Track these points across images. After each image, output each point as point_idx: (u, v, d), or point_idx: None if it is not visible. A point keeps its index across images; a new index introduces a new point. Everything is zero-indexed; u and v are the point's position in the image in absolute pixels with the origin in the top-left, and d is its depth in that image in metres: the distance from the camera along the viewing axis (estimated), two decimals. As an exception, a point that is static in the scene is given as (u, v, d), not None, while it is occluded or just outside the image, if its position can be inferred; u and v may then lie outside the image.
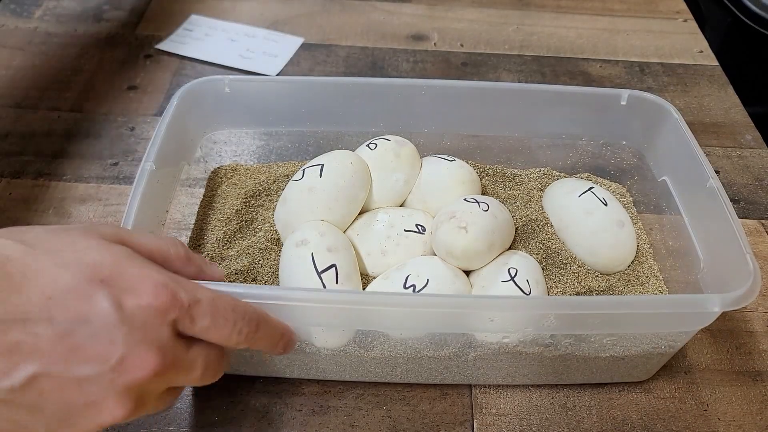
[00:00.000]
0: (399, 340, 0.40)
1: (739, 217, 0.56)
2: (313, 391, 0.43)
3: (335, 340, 0.40)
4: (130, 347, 0.27)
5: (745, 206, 0.57)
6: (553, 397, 0.43)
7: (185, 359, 0.30)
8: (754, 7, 0.90)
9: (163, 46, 0.72)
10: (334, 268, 0.41)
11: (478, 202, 0.44)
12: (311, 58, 0.71)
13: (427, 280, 0.41)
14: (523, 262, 0.44)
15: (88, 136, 0.61)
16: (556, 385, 0.44)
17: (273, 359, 0.42)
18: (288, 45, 0.73)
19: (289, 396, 0.43)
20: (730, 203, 0.41)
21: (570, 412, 0.43)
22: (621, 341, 0.40)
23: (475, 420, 0.42)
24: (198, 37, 0.73)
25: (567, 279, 0.45)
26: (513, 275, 0.42)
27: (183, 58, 0.70)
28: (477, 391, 0.44)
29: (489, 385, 0.44)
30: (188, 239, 0.48)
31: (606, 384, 0.44)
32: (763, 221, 0.56)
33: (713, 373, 0.45)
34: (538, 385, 0.44)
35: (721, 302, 0.36)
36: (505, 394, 0.43)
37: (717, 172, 0.60)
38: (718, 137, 0.64)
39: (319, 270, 0.41)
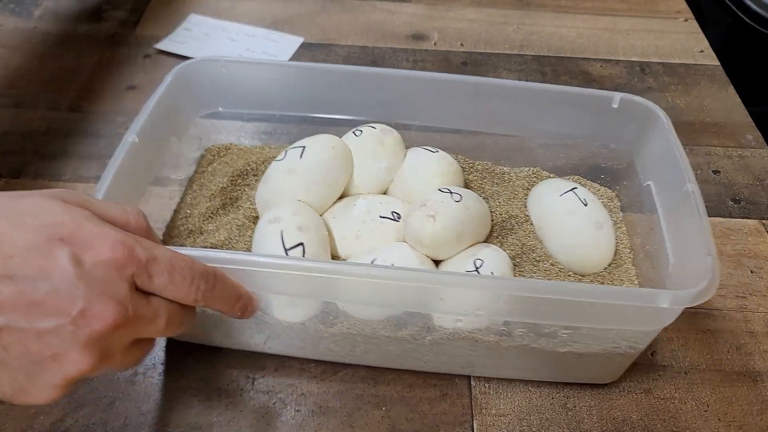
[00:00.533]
0: (358, 319, 0.41)
1: (740, 217, 0.56)
2: (312, 391, 0.43)
3: (296, 313, 0.41)
4: (89, 300, 0.28)
5: (746, 206, 0.57)
6: (553, 398, 0.43)
7: (146, 310, 0.30)
8: (755, 7, 0.89)
9: (162, 45, 0.72)
10: (301, 247, 0.42)
11: (452, 193, 0.44)
12: (311, 57, 0.71)
13: (392, 264, 0.42)
14: (492, 255, 0.44)
15: (87, 136, 0.61)
16: (557, 385, 0.44)
17: (238, 332, 0.43)
18: (288, 45, 0.73)
19: (288, 396, 0.43)
20: (704, 206, 0.41)
21: (570, 413, 0.43)
22: (579, 337, 0.40)
23: (474, 420, 0.42)
24: (197, 37, 0.73)
25: (537, 276, 0.45)
26: (478, 266, 0.42)
27: (182, 57, 0.70)
28: (477, 392, 0.43)
29: (489, 385, 0.44)
30: (173, 212, 0.49)
31: (607, 384, 0.44)
32: (763, 221, 0.56)
33: (713, 374, 0.45)
34: (538, 386, 0.44)
35: (671, 299, 0.36)
36: (505, 394, 0.43)
37: (717, 172, 0.60)
38: (719, 137, 0.64)
39: (287, 247, 0.41)
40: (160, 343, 0.45)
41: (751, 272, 0.52)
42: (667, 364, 0.45)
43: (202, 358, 0.44)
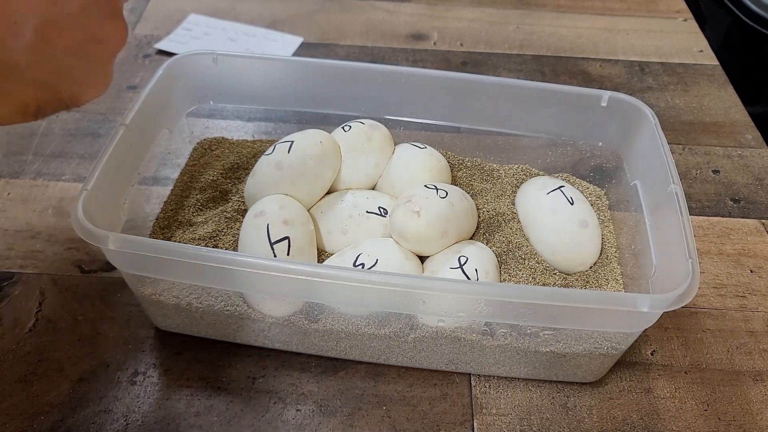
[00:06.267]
0: (342, 315, 0.41)
1: (740, 217, 0.56)
2: (313, 390, 0.43)
3: (281, 308, 0.42)
4: None
5: (745, 206, 0.57)
6: (553, 397, 0.43)
7: None
8: (754, 7, 0.90)
9: (162, 45, 0.72)
10: (287, 241, 0.42)
11: (437, 189, 0.44)
12: (310, 57, 0.71)
13: (377, 260, 0.42)
14: (477, 252, 0.44)
15: (87, 136, 0.61)
16: (557, 384, 0.44)
17: (223, 325, 0.43)
18: (287, 44, 0.73)
19: (288, 396, 0.43)
20: (687, 208, 0.41)
21: (571, 412, 0.43)
22: (561, 338, 0.41)
23: (475, 420, 0.42)
24: (197, 37, 0.73)
25: (522, 274, 0.45)
26: (462, 263, 0.43)
27: (182, 57, 0.70)
28: (477, 391, 0.43)
29: (489, 385, 0.44)
30: (163, 204, 0.50)
31: (607, 383, 0.44)
32: (763, 221, 0.56)
33: (714, 373, 0.45)
34: (538, 385, 0.44)
35: (650, 303, 0.36)
36: (506, 394, 0.43)
37: (717, 171, 0.60)
38: (719, 137, 0.64)
39: (272, 240, 0.42)
40: (161, 344, 0.45)
41: (751, 272, 0.52)
42: (668, 364, 0.46)
43: (202, 358, 0.44)
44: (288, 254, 0.42)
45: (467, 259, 0.43)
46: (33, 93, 0.30)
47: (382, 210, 0.47)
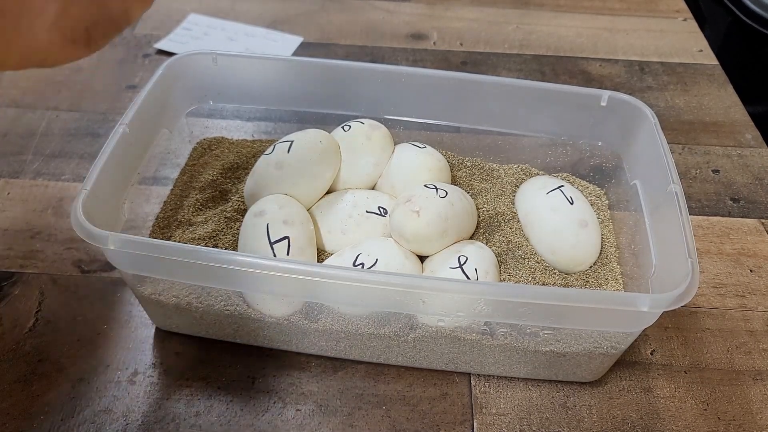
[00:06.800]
0: (342, 315, 0.41)
1: (739, 216, 0.56)
2: (312, 390, 0.43)
3: (281, 308, 0.42)
4: None
5: (745, 205, 0.57)
6: (553, 397, 0.43)
7: None
8: (754, 7, 0.90)
9: (161, 45, 0.72)
10: (286, 240, 0.42)
11: (437, 189, 0.45)
12: (310, 57, 0.71)
13: (376, 259, 0.42)
14: (476, 252, 0.44)
15: (86, 136, 0.61)
16: (557, 384, 0.44)
17: (223, 324, 0.43)
18: (287, 44, 0.73)
19: (288, 396, 0.43)
20: (686, 207, 0.41)
21: (570, 412, 0.43)
22: (561, 337, 0.41)
23: (475, 420, 0.42)
24: (197, 36, 0.73)
25: (522, 274, 0.45)
26: (462, 263, 0.43)
27: (182, 57, 0.70)
28: (477, 391, 0.43)
29: (489, 385, 0.44)
30: (162, 204, 0.50)
31: (606, 383, 0.44)
32: (762, 220, 0.56)
33: (713, 372, 0.45)
34: (538, 385, 0.44)
35: (651, 302, 0.36)
36: (505, 393, 0.43)
37: (717, 171, 0.60)
38: (718, 136, 0.64)
39: (272, 240, 0.42)
40: (161, 344, 0.45)
41: (751, 271, 0.52)
42: (667, 363, 0.46)
43: (202, 358, 0.44)
44: (288, 254, 0.42)
45: (467, 258, 0.43)
46: (77, 13, 0.27)
47: (381, 210, 0.47)
